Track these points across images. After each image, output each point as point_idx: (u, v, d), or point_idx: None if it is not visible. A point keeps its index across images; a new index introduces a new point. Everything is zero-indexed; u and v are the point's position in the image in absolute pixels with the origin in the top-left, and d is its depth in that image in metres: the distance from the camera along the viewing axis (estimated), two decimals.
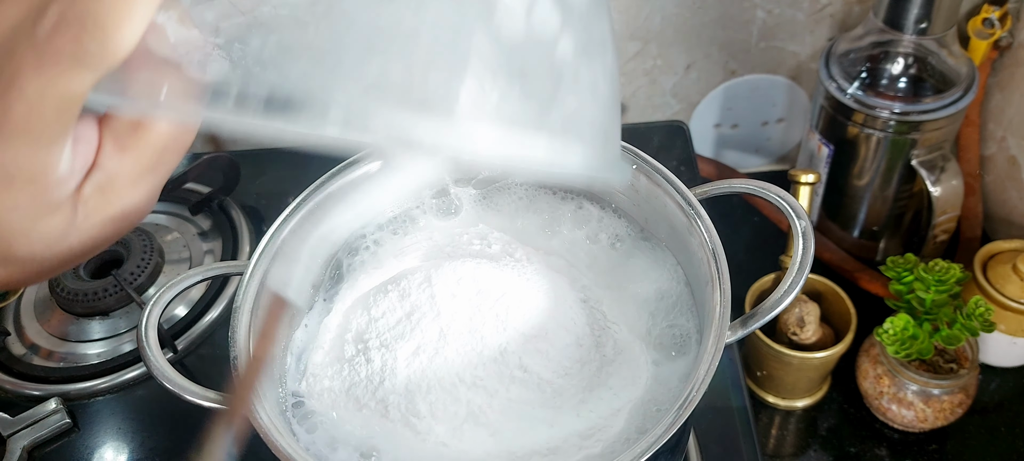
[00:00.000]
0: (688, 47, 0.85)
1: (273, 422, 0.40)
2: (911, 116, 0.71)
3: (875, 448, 0.73)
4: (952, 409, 0.70)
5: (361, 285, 0.52)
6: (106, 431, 0.62)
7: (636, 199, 0.52)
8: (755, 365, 0.75)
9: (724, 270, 0.43)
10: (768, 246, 0.81)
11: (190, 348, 0.66)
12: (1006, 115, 0.81)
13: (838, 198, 0.82)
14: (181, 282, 0.48)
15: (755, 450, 0.59)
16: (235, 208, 0.76)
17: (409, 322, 0.48)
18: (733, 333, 0.41)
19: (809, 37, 0.84)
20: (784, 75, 0.88)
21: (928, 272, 0.67)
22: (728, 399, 0.61)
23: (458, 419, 0.44)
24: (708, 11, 0.82)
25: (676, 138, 0.81)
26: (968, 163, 0.83)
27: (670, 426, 0.37)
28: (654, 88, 0.88)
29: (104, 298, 0.67)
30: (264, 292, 0.46)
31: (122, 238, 0.71)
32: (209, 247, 0.74)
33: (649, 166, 0.49)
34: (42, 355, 0.66)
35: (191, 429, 0.61)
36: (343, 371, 0.47)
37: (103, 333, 0.67)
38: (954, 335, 0.66)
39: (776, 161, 0.97)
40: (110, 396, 0.64)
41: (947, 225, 0.76)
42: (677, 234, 0.48)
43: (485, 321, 0.47)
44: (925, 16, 0.68)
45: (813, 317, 0.72)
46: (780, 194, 0.46)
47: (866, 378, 0.73)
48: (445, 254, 0.54)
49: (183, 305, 0.68)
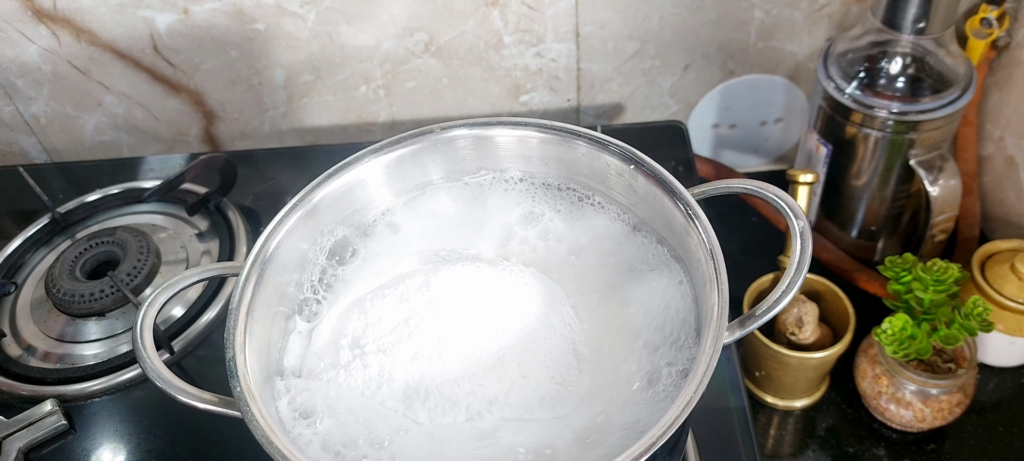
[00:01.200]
0: (686, 47, 0.85)
1: (270, 427, 0.40)
2: (909, 116, 0.71)
3: (873, 448, 0.73)
4: (950, 409, 0.70)
5: (355, 289, 0.52)
6: (103, 433, 0.62)
7: (634, 199, 0.52)
8: (753, 365, 0.75)
9: (722, 270, 0.43)
10: (766, 246, 0.81)
11: (187, 349, 0.66)
12: (1004, 115, 0.81)
13: (836, 198, 0.81)
14: (177, 283, 0.47)
15: (753, 450, 0.59)
16: (232, 209, 0.76)
17: (407, 327, 0.47)
18: (731, 333, 0.41)
19: (807, 37, 0.84)
20: (782, 75, 0.88)
21: (926, 272, 0.67)
22: (726, 399, 0.61)
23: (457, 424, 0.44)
24: (706, 11, 0.82)
25: (674, 138, 0.81)
26: (966, 163, 0.83)
27: (669, 427, 0.37)
28: (652, 88, 0.88)
29: (101, 299, 0.67)
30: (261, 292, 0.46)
31: (119, 239, 0.71)
32: (206, 248, 0.74)
33: (647, 166, 0.49)
34: (38, 356, 0.66)
35: (188, 431, 0.61)
36: (339, 377, 0.47)
37: (100, 334, 0.67)
38: (952, 335, 0.66)
39: (774, 161, 0.97)
40: (107, 398, 0.63)
41: (945, 225, 0.76)
42: (675, 234, 0.48)
43: (484, 327, 0.47)
44: (923, 16, 0.68)
45: (811, 317, 0.72)
46: (778, 194, 0.46)
47: (864, 378, 0.73)
48: (441, 258, 0.54)
49: (180, 306, 0.68)
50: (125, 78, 0.85)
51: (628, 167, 0.50)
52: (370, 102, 0.88)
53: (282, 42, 0.82)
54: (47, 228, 0.76)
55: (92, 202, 0.78)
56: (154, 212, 0.78)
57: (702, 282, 0.44)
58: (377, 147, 0.53)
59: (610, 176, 0.52)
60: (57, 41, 0.81)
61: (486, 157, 0.55)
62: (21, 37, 0.81)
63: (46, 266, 0.73)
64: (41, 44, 0.81)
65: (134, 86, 0.85)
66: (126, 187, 0.80)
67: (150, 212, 0.78)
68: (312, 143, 0.92)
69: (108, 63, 0.83)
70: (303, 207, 0.50)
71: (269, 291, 0.48)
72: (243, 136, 0.91)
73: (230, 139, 0.91)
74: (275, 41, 0.82)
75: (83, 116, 0.88)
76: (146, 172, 0.83)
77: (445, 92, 0.87)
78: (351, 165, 0.52)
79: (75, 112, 0.88)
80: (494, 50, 0.84)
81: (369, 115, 0.89)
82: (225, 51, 0.83)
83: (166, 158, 0.86)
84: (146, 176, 0.82)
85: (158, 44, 0.82)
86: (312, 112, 0.89)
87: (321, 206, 0.51)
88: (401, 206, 0.55)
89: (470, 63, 0.85)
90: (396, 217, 0.55)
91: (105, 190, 0.79)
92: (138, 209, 0.78)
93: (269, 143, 0.91)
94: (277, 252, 0.48)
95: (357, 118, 0.89)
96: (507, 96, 0.88)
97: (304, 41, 0.82)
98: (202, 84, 0.86)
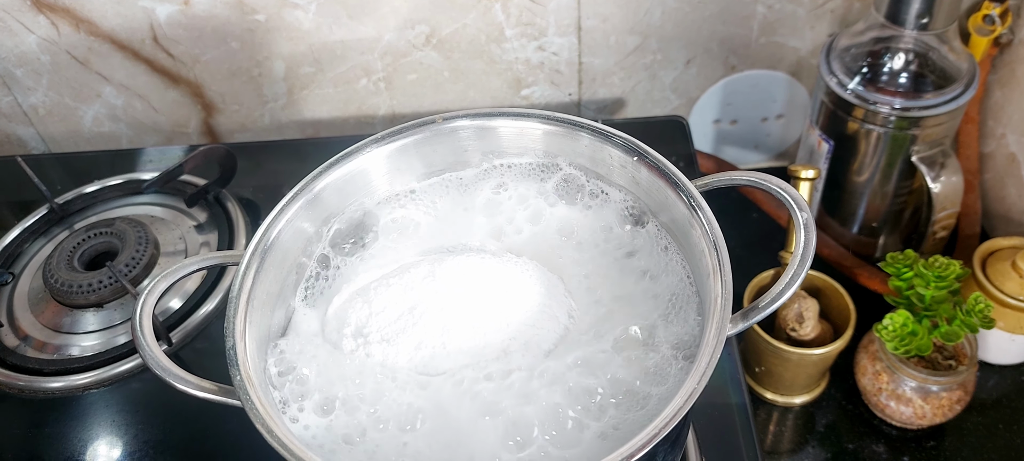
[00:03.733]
0: (688, 42, 0.84)
1: (271, 415, 0.40)
2: (912, 112, 0.71)
3: (873, 445, 0.73)
4: (950, 406, 0.70)
5: (357, 278, 0.52)
6: (100, 424, 0.61)
7: (637, 191, 0.51)
8: (754, 361, 0.75)
9: (725, 261, 0.42)
10: (766, 242, 0.81)
11: (185, 341, 0.65)
12: (1006, 112, 0.81)
13: (838, 194, 0.81)
14: (178, 271, 0.47)
15: (754, 446, 0.58)
16: (231, 200, 0.76)
17: (412, 316, 0.47)
18: (734, 325, 0.41)
19: (809, 33, 0.84)
20: (784, 71, 0.88)
21: (928, 268, 0.67)
22: (727, 395, 0.61)
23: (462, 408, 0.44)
24: (708, 6, 0.81)
25: (675, 133, 0.81)
26: (967, 160, 0.83)
27: (673, 417, 0.37)
28: (654, 83, 0.88)
29: (99, 290, 0.66)
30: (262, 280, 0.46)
31: (117, 230, 0.70)
32: (205, 239, 0.73)
33: (650, 158, 0.49)
34: (36, 347, 0.66)
35: (185, 421, 0.61)
36: (342, 364, 0.47)
37: (97, 325, 0.67)
38: (953, 331, 0.66)
39: (775, 157, 0.96)
40: (104, 389, 0.63)
41: (947, 222, 0.76)
42: (678, 226, 0.48)
43: (488, 318, 0.47)
44: (926, 11, 0.68)
45: (812, 313, 0.72)
46: (781, 186, 0.45)
47: (865, 374, 0.73)
48: (445, 249, 0.53)
49: (178, 297, 0.68)
50: (124, 69, 0.84)
51: (631, 159, 0.49)
52: (371, 95, 0.88)
53: (283, 33, 0.82)
54: (45, 218, 0.76)
55: (90, 193, 0.78)
56: (153, 203, 0.77)
57: (705, 274, 0.44)
58: (379, 137, 0.52)
59: (613, 168, 0.51)
60: (56, 31, 0.81)
61: (489, 148, 0.54)
62: (20, 27, 0.80)
63: (44, 256, 0.72)
64: (40, 34, 0.81)
65: (133, 77, 0.85)
66: (125, 178, 0.79)
67: (149, 203, 0.77)
68: (312, 136, 0.91)
69: (107, 54, 0.83)
70: (304, 196, 0.50)
71: (270, 280, 0.47)
72: (243, 128, 0.91)
73: (230, 131, 0.91)
74: (276, 32, 0.82)
75: (82, 107, 0.88)
76: (145, 163, 0.83)
77: (446, 85, 0.87)
78: (353, 154, 0.52)
79: (74, 103, 0.87)
80: (495, 43, 0.83)
81: (369, 108, 0.89)
82: (225, 42, 0.82)
83: (165, 149, 0.85)
84: (145, 167, 0.82)
85: (158, 35, 0.81)
86: (312, 104, 0.88)
87: (323, 195, 0.51)
88: (403, 196, 0.55)
89: (471, 56, 0.84)
90: (398, 207, 0.55)
91: (104, 181, 0.79)
92: (137, 200, 0.78)
93: (269, 135, 0.91)
94: (278, 240, 0.48)
95: (357, 111, 0.89)
96: (508, 90, 0.88)
97: (305, 33, 0.82)
98: (202, 75, 0.85)
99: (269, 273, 0.47)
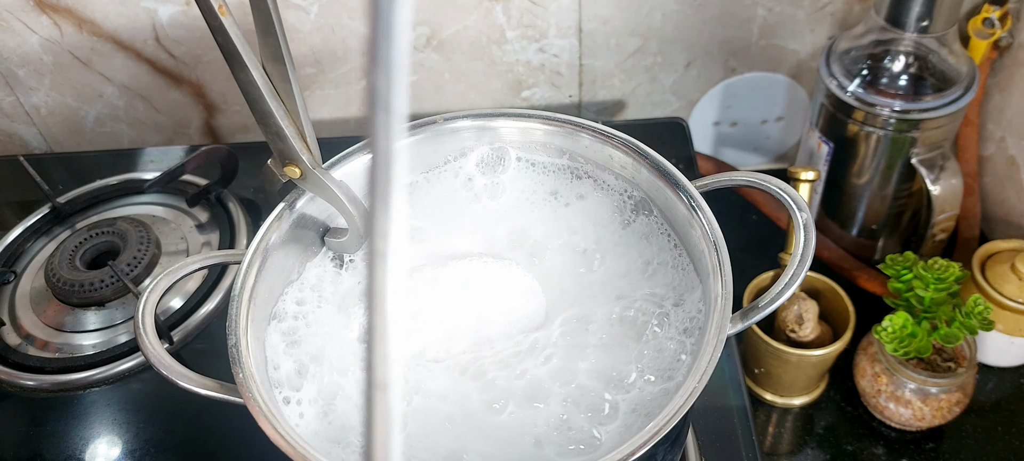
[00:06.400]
0: (688, 44, 0.85)
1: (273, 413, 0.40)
2: (911, 114, 0.71)
3: (872, 446, 0.73)
4: (949, 408, 0.70)
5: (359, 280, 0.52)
6: (101, 422, 0.62)
7: (637, 192, 0.51)
8: (753, 363, 0.75)
9: (726, 261, 0.43)
10: (766, 244, 0.81)
11: (186, 340, 0.66)
12: (1005, 115, 0.81)
13: (837, 196, 0.81)
14: (180, 269, 0.47)
15: (754, 448, 0.58)
16: (233, 201, 0.76)
17: (414, 323, 0.47)
18: (734, 325, 0.41)
19: (809, 35, 0.84)
20: (784, 73, 0.88)
21: (927, 270, 0.67)
22: (726, 397, 0.61)
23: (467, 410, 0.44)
24: (709, 8, 0.82)
25: (675, 135, 0.81)
26: (967, 163, 0.83)
27: (674, 415, 0.37)
28: (654, 85, 0.88)
29: (100, 289, 0.66)
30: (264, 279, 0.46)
31: (119, 229, 0.71)
32: (206, 239, 0.73)
33: (650, 159, 0.49)
34: (37, 345, 0.66)
35: (186, 420, 0.61)
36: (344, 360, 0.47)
37: (99, 324, 0.67)
38: (953, 333, 0.66)
39: (775, 159, 0.97)
40: (106, 387, 0.63)
41: (946, 224, 0.76)
42: (678, 226, 0.48)
43: (491, 323, 0.47)
44: (926, 14, 0.68)
45: (811, 315, 0.72)
46: (781, 186, 0.46)
47: (864, 376, 0.73)
48: (447, 253, 0.53)
49: (179, 297, 0.68)
50: (126, 69, 0.84)
51: (631, 160, 0.50)
52: None
53: None
54: (47, 218, 0.76)
55: (92, 192, 0.78)
56: (154, 203, 0.77)
57: (705, 274, 0.44)
58: None
59: (613, 169, 0.52)
60: (59, 31, 0.81)
61: (489, 148, 0.55)
62: (23, 27, 0.81)
63: (46, 255, 0.73)
64: (43, 34, 0.81)
65: (135, 78, 0.85)
66: (126, 178, 0.79)
67: (150, 203, 0.78)
68: None
69: (110, 54, 0.83)
70: (306, 196, 0.50)
71: (272, 279, 0.48)
72: (244, 129, 0.91)
73: (231, 132, 0.91)
74: None
75: (84, 107, 0.88)
76: (146, 163, 0.83)
77: (446, 87, 0.87)
78: (355, 154, 0.52)
79: (76, 103, 0.87)
80: (496, 45, 0.84)
81: None
82: None
83: (167, 149, 0.86)
84: (146, 167, 0.82)
85: (160, 35, 0.82)
86: (313, 105, 0.89)
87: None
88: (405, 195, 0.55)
89: (472, 58, 0.85)
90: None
91: (105, 180, 0.79)
92: (138, 200, 0.78)
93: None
94: (280, 240, 0.48)
95: (358, 112, 0.89)
96: (508, 91, 0.88)
97: (306, 33, 0.82)
98: (204, 76, 0.86)
99: (271, 272, 0.48)
